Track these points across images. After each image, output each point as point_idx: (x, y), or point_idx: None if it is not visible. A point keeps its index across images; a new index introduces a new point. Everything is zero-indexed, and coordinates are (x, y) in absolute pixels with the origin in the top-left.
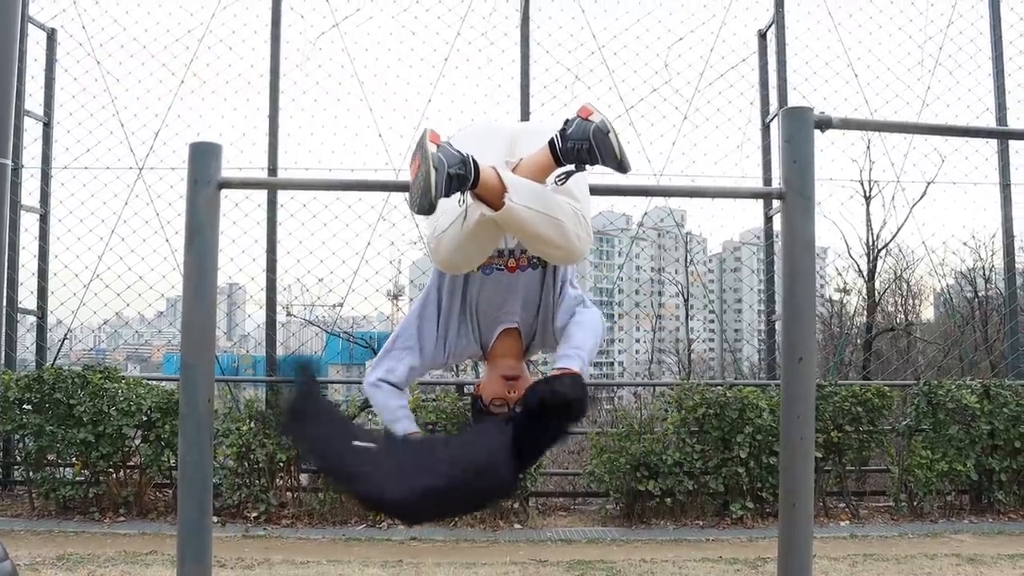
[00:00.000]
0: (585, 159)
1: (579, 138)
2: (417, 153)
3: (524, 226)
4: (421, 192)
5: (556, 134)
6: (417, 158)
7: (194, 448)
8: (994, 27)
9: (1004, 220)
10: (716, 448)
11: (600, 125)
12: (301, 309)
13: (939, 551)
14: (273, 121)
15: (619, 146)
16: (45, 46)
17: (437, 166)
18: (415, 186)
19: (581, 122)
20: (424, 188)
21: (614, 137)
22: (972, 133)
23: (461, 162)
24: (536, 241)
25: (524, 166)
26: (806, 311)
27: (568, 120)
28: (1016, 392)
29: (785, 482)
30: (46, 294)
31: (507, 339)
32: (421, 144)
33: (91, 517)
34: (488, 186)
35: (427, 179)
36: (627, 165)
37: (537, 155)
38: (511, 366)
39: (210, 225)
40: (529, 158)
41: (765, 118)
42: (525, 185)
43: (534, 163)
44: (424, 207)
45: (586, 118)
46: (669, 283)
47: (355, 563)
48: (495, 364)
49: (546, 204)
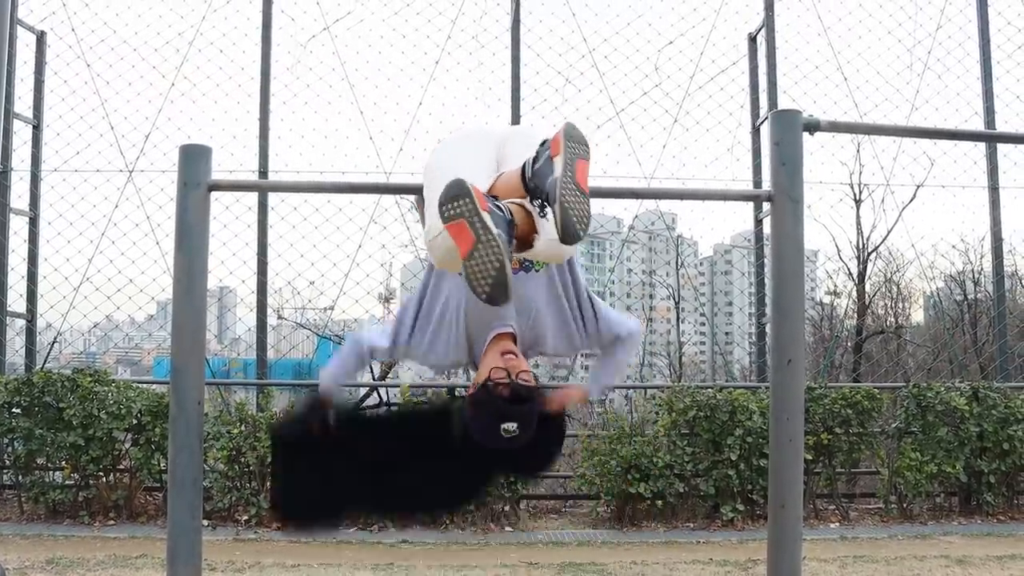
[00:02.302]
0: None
1: (539, 184)
2: (463, 218)
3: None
4: (496, 285)
5: (529, 161)
6: (466, 228)
7: (184, 451)
8: (982, 31)
9: (992, 223)
10: (707, 450)
11: (550, 185)
12: (292, 312)
13: (928, 553)
14: (264, 124)
15: (561, 220)
16: (34, 49)
17: (508, 255)
18: (482, 273)
19: (547, 163)
20: (500, 282)
21: (558, 209)
22: (960, 136)
23: (508, 225)
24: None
25: (501, 183)
26: (795, 313)
27: (543, 144)
28: (1005, 394)
29: (774, 484)
30: (35, 297)
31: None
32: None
33: (81, 521)
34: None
35: (501, 272)
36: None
37: (511, 177)
38: (505, 347)
39: (200, 228)
40: (506, 177)
41: (755, 121)
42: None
43: (507, 185)
44: (499, 302)
45: (554, 157)
46: (660, 286)
47: (346, 566)
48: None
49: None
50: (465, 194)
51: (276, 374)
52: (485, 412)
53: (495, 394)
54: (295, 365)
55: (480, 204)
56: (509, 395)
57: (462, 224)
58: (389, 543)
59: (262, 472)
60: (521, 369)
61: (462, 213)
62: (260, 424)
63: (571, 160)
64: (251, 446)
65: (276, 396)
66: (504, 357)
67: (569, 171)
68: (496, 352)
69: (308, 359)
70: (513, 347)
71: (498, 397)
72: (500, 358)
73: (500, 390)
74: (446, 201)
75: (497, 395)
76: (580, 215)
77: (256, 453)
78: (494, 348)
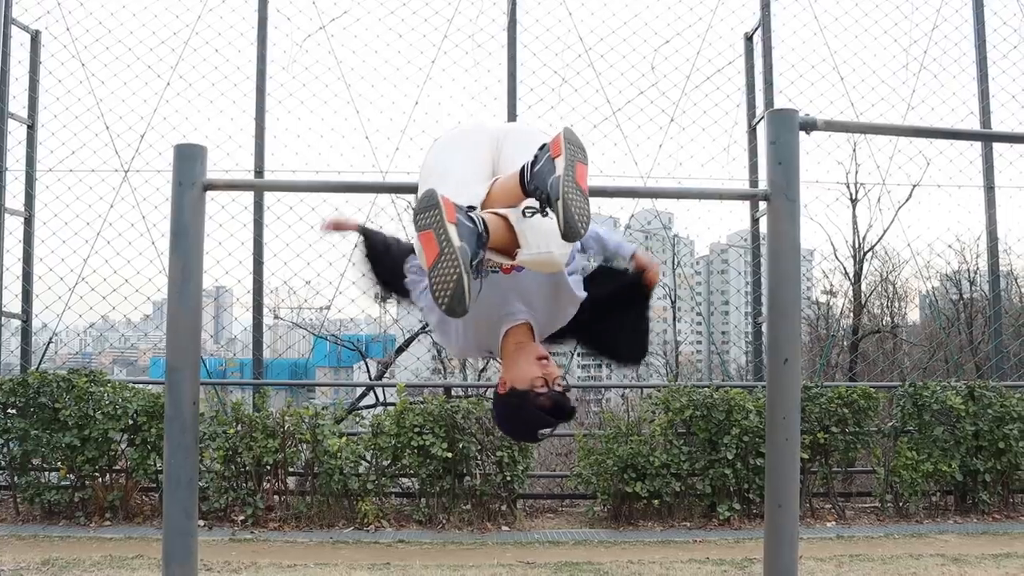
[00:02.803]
0: (545, 205)
1: (540, 185)
2: (431, 229)
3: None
4: (453, 297)
5: (527, 165)
6: (433, 239)
7: (179, 451)
8: (978, 31)
9: (988, 222)
10: (703, 450)
11: (553, 183)
12: (288, 312)
13: (924, 551)
14: (259, 123)
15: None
16: (29, 48)
17: (466, 267)
18: (442, 284)
19: (548, 163)
20: (458, 294)
21: (560, 206)
22: (957, 136)
23: (478, 239)
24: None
25: (497, 190)
26: (791, 312)
27: (543, 147)
28: (1000, 393)
29: (771, 483)
30: (31, 297)
31: (518, 334)
32: (438, 222)
33: (77, 522)
34: (498, 241)
35: (459, 284)
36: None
37: (509, 182)
38: (535, 349)
39: (195, 227)
40: (502, 182)
41: (751, 121)
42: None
43: (505, 189)
44: (457, 313)
45: (554, 159)
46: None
47: (342, 566)
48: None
49: (545, 241)
50: (434, 205)
51: (272, 374)
52: (523, 418)
53: (536, 404)
54: (291, 365)
55: (447, 216)
56: (551, 406)
57: (430, 235)
58: (385, 543)
59: (258, 472)
60: (556, 375)
61: (430, 224)
62: (256, 424)
63: (571, 162)
64: (247, 446)
65: (272, 396)
66: (540, 363)
67: (570, 171)
68: (529, 355)
69: (304, 359)
70: (542, 349)
71: (540, 408)
72: (537, 364)
73: (542, 401)
74: (419, 211)
75: (539, 405)
76: (581, 213)
77: (252, 453)
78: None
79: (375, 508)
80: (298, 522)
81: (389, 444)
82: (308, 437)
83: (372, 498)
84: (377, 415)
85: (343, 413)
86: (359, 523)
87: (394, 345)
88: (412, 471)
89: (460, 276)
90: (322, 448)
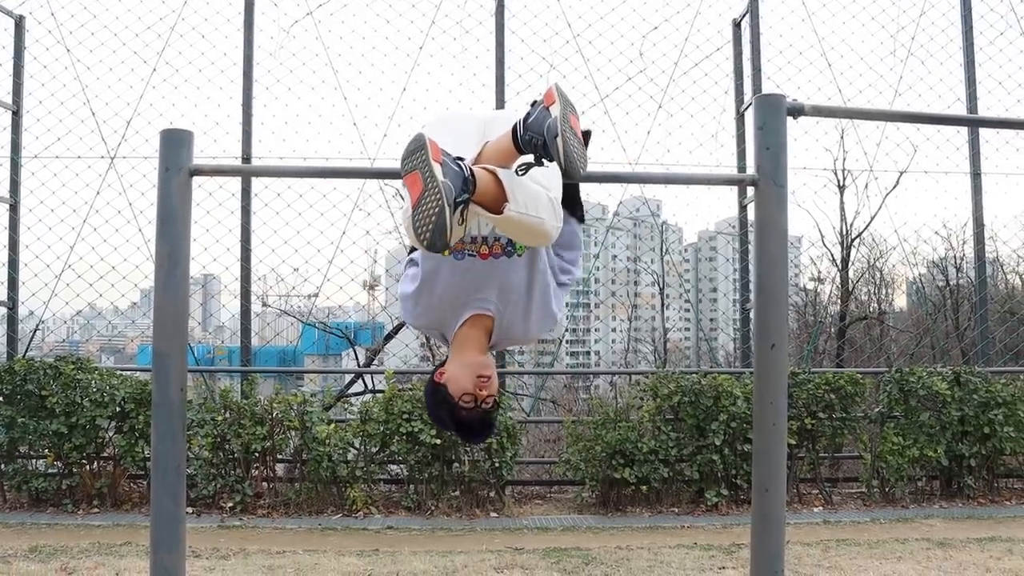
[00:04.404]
0: (541, 154)
1: (535, 132)
2: (417, 169)
3: (513, 229)
4: (435, 229)
5: (519, 120)
6: (419, 179)
7: (167, 438)
8: (965, 17)
9: (975, 209)
10: (691, 436)
11: (551, 124)
12: (276, 299)
13: (910, 536)
14: (247, 110)
15: (563, 153)
16: (13, 33)
17: (449, 200)
18: (424, 218)
19: (542, 111)
20: (439, 226)
21: (560, 143)
22: (944, 121)
23: (464, 182)
24: (514, 235)
25: (489, 150)
26: (779, 298)
27: (534, 103)
28: (986, 379)
29: (758, 468)
30: (17, 285)
31: (475, 326)
32: (424, 161)
33: (64, 509)
34: (487, 192)
35: (441, 216)
36: (573, 173)
37: (501, 140)
38: (484, 365)
39: (182, 213)
40: (494, 143)
41: (739, 107)
42: (520, 187)
43: (498, 149)
44: (438, 247)
45: (548, 107)
46: (645, 272)
47: (331, 552)
48: (463, 355)
49: (535, 205)
50: (421, 147)
51: (261, 361)
52: (440, 417)
53: (456, 415)
54: (280, 352)
55: (432, 155)
56: (471, 422)
57: (416, 175)
58: (374, 529)
59: (247, 459)
60: (488, 395)
61: (416, 165)
62: (245, 411)
63: (566, 109)
64: (236, 433)
65: (260, 383)
66: (479, 381)
67: (566, 116)
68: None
69: (293, 346)
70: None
71: (457, 419)
72: (474, 381)
73: (462, 415)
74: (406, 156)
75: (458, 418)
76: (580, 153)
77: (241, 440)
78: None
79: (364, 495)
80: (287, 509)
81: (378, 431)
82: (296, 424)
83: (361, 485)
84: (366, 402)
85: (332, 400)
86: (348, 510)
87: (382, 332)
88: (401, 458)
89: (443, 208)
90: (311, 435)
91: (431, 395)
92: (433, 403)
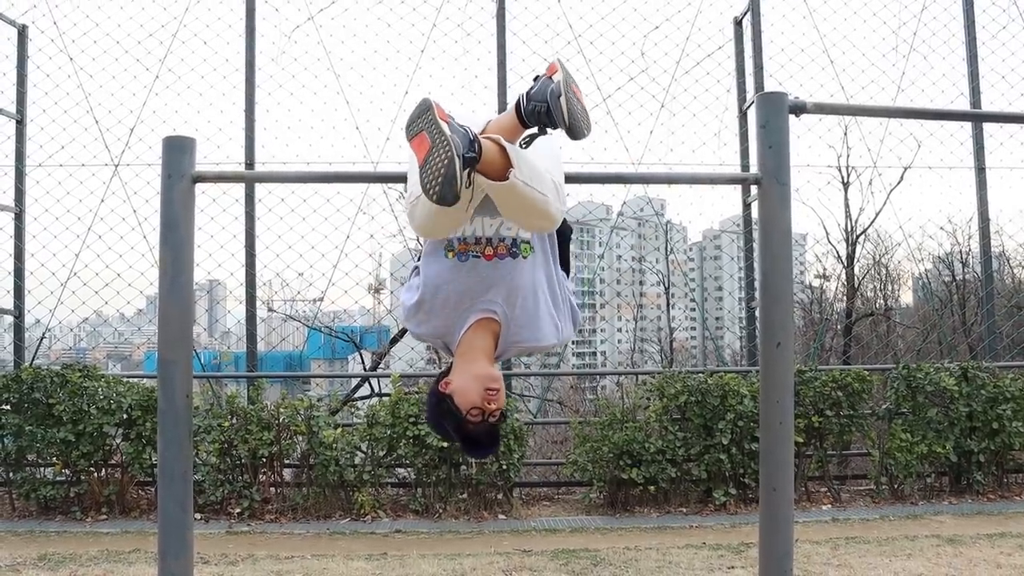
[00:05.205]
0: (545, 121)
1: (539, 99)
2: (424, 130)
3: (517, 202)
4: (444, 181)
5: (523, 94)
6: (426, 138)
7: (173, 444)
8: (967, 11)
9: (979, 204)
10: (698, 435)
11: (555, 87)
12: (282, 304)
13: (920, 533)
14: (249, 116)
15: (567, 111)
16: (16, 43)
17: (458, 151)
18: (433, 172)
19: (545, 81)
20: (448, 177)
21: (563, 101)
22: (947, 116)
23: (470, 142)
24: (518, 213)
25: (492, 126)
26: (783, 296)
27: (536, 77)
28: (993, 374)
29: (765, 467)
30: (23, 293)
31: (480, 331)
32: (431, 121)
33: (73, 517)
34: (491, 160)
35: (451, 167)
36: (578, 131)
37: (504, 116)
38: (493, 378)
39: (185, 219)
40: (498, 119)
41: (742, 105)
42: (524, 159)
43: (501, 125)
44: (448, 199)
45: (550, 76)
46: (650, 272)
47: (339, 557)
48: (471, 365)
49: (539, 179)
50: (427, 109)
51: (267, 366)
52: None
53: (462, 429)
54: (286, 357)
55: (439, 114)
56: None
57: (422, 136)
58: (382, 533)
59: (254, 465)
60: (496, 410)
61: (423, 127)
62: (251, 417)
63: (568, 79)
64: (243, 439)
65: (267, 388)
66: (487, 394)
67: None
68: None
69: (299, 351)
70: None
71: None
72: (483, 394)
73: (469, 428)
74: (411, 120)
75: (464, 431)
76: (584, 115)
77: (248, 446)
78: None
79: (371, 499)
80: (295, 514)
81: (385, 434)
82: (303, 429)
83: (368, 489)
84: (372, 406)
85: (338, 404)
86: (356, 514)
87: (388, 336)
88: (408, 461)
89: (452, 160)
90: (318, 440)
91: (435, 406)
92: (437, 414)
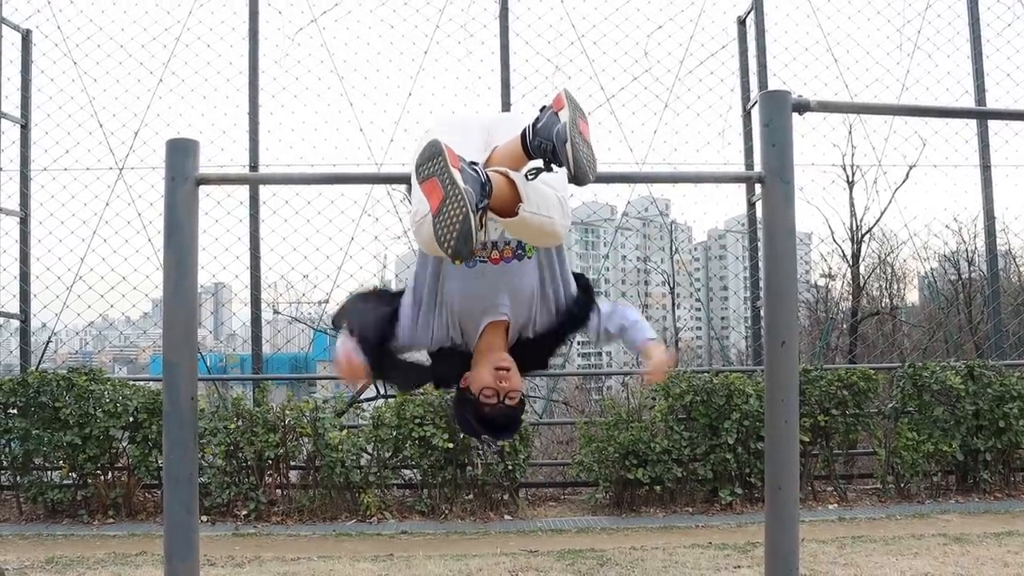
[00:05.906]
0: (551, 159)
1: (545, 137)
2: (436, 176)
3: (525, 229)
4: (460, 237)
5: (529, 125)
6: (438, 185)
7: (178, 447)
8: (971, 9)
9: (985, 202)
10: (704, 435)
11: (560, 130)
12: (287, 306)
13: (926, 531)
14: (253, 118)
15: (572, 160)
16: (20, 47)
17: (472, 207)
18: (448, 227)
19: (551, 116)
20: (464, 233)
21: (569, 148)
22: (951, 114)
23: (482, 187)
24: (525, 236)
25: (498, 154)
26: (788, 294)
27: (543, 108)
28: (1000, 372)
29: (771, 466)
30: (28, 297)
31: (493, 333)
32: (442, 168)
33: (80, 520)
34: (501, 197)
35: (465, 223)
36: (583, 178)
37: (510, 144)
38: (502, 357)
39: (189, 222)
40: (503, 147)
41: (746, 104)
42: (532, 188)
43: (507, 153)
44: (464, 254)
45: (557, 111)
46: (655, 272)
47: (345, 559)
48: (483, 355)
49: (546, 205)
50: (438, 153)
51: (272, 368)
52: (470, 420)
53: (478, 414)
54: (291, 359)
55: (451, 161)
56: (494, 417)
57: (434, 182)
58: (388, 534)
59: (260, 467)
60: (511, 390)
61: (434, 172)
62: (257, 419)
63: (575, 114)
64: (248, 441)
65: (272, 390)
66: (497, 374)
67: (575, 121)
68: (490, 362)
69: (304, 353)
70: (507, 361)
71: (481, 417)
72: (493, 374)
73: (485, 411)
74: (422, 162)
75: (481, 416)
76: (589, 158)
77: (254, 448)
78: (490, 347)
79: (377, 500)
80: (301, 515)
81: (390, 436)
82: (309, 431)
83: (374, 490)
84: (378, 407)
85: (344, 406)
86: (362, 515)
87: None
88: (414, 462)
89: (467, 215)
90: (323, 441)
91: (457, 401)
92: (456, 411)
